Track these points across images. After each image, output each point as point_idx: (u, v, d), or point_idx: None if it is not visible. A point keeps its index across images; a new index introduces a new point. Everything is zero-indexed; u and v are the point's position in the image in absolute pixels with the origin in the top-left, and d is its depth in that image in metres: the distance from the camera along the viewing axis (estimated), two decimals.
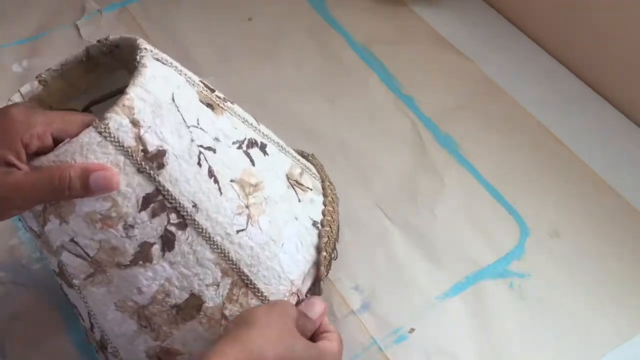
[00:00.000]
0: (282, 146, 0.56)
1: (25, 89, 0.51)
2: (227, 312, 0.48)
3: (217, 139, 0.48)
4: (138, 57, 0.47)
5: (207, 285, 0.48)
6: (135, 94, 0.45)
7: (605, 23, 0.74)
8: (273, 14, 0.87)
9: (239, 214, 0.48)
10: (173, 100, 0.47)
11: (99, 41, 0.51)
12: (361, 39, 0.84)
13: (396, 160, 0.72)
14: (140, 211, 0.46)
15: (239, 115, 0.52)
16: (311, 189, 0.55)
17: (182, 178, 0.46)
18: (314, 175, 0.57)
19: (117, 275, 0.47)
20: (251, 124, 0.53)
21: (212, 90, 0.52)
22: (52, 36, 0.84)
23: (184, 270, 0.47)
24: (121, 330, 0.49)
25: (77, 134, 0.45)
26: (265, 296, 0.50)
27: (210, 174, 0.47)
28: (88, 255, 0.47)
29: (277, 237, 0.50)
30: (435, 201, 0.68)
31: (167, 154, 0.46)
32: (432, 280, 0.63)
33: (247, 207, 0.49)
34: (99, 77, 0.53)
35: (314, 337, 0.50)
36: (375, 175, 0.71)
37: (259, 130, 0.54)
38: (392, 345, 0.59)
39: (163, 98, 0.47)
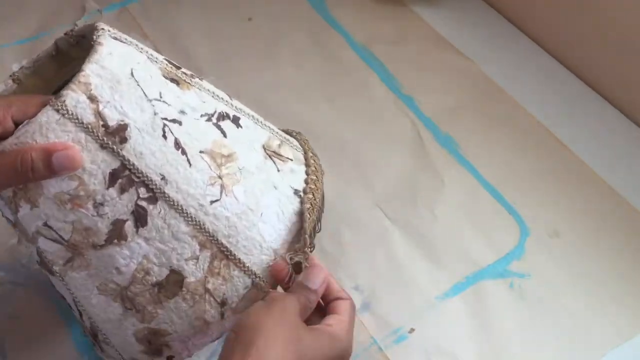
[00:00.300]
0: (258, 119, 0.55)
1: (0, 88, 0.51)
2: (210, 286, 0.48)
3: (182, 112, 0.48)
4: (94, 37, 0.48)
5: (186, 260, 0.47)
6: (90, 70, 0.46)
7: (605, 23, 0.74)
8: (273, 14, 0.87)
9: (212, 184, 0.48)
10: (132, 75, 0.47)
11: (65, 33, 0.51)
12: (361, 39, 0.84)
13: (396, 160, 0.72)
14: (108, 188, 0.45)
15: (208, 90, 0.52)
16: (292, 160, 0.54)
17: (147, 151, 0.46)
18: (295, 147, 0.56)
19: (94, 257, 0.47)
20: (222, 98, 0.53)
21: (178, 67, 0.52)
22: (52, 36, 0.83)
23: (161, 245, 0.47)
24: (107, 315, 0.49)
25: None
26: (248, 267, 0.49)
27: (177, 145, 0.47)
28: (63, 238, 0.47)
29: (254, 206, 0.49)
30: (435, 201, 0.68)
31: (129, 128, 0.46)
32: (432, 280, 0.63)
33: (219, 177, 0.48)
34: (73, 70, 0.53)
35: (326, 305, 0.49)
36: (375, 175, 0.71)
37: (232, 105, 0.53)
38: (392, 345, 0.59)
39: (121, 74, 0.47)
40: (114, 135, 0.45)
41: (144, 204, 0.46)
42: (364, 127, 0.75)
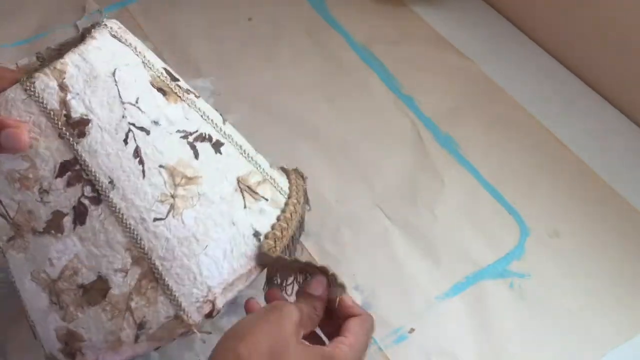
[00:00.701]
0: (245, 151, 0.53)
1: (23, 61, 0.52)
2: (133, 304, 0.46)
3: (156, 122, 0.47)
4: (92, 30, 0.48)
5: (115, 270, 0.46)
6: (70, 60, 0.46)
7: (605, 23, 0.74)
8: (273, 14, 0.87)
9: (161, 201, 0.46)
10: (113, 74, 0.47)
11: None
12: (361, 39, 0.84)
13: (396, 160, 0.72)
14: (56, 177, 0.45)
15: (199, 109, 0.51)
16: (267, 200, 0.52)
17: (103, 151, 0.46)
18: (280, 190, 0.54)
19: (32, 241, 0.47)
20: (212, 120, 0.51)
21: (175, 79, 0.51)
22: (52, 36, 0.84)
23: (93, 249, 0.46)
24: (36, 304, 0.48)
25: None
26: (175, 296, 0.47)
27: (136, 153, 0.46)
28: (9, 215, 0.47)
29: (202, 236, 0.47)
30: (435, 201, 0.68)
31: (90, 124, 0.46)
32: (432, 280, 0.63)
33: (172, 196, 0.47)
34: None
35: (340, 319, 0.48)
36: (375, 175, 0.71)
37: (221, 129, 0.52)
38: (392, 345, 0.59)
39: (102, 70, 0.46)
40: (73, 128, 0.45)
41: (86, 202, 0.46)
42: (364, 127, 0.75)
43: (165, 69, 0.51)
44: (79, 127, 0.45)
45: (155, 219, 0.46)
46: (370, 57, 0.82)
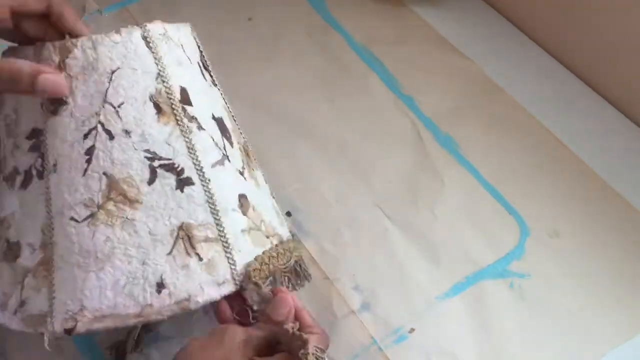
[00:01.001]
0: (216, 205, 0.48)
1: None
2: (26, 281, 0.47)
3: (127, 132, 0.46)
4: (128, 27, 0.48)
5: (27, 244, 0.47)
6: (81, 43, 0.46)
7: (605, 23, 0.74)
8: (273, 14, 0.87)
9: (86, 205, 0.46)
10: (111, 73, 0.47)
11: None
12: (361, 39, 0.84)
13: (396, 160, 0.72)
14: (26, 138, 0.48)
15: (190, 141, 0.48)
16: (200, 260, 0.47)
17: (62, 135, 0.46)
18: (232, 262, 0.48)
19: None
20: (197, 157, 0.48)
21: (188, 104, 0.48)
22: None
23: (21, 215, 0.48)
24: None
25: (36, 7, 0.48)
26: (53, 296, 0.46)
27: (88, 152, 0.46)
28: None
29: (103, 257, 0.46)
30: (435, 201, 0.68)
31: (65, 107, 0.46)
32: (432, 280, 0.63)
33: (98, 206, 0.45)
34: None
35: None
36: (375, 175, 0.70)
37: (200, 171, 0.48)
38: (392, 345, 0.59)
39: (104, 64, 0.47)
40: (51, 103, 0.47)
41: (34, 172, 0.47)
42: (364, 127, 0.75)
43: (185, 91, 0.49)
44: (55, 105, 0.47)
45: (71, 218, 0.46)
46: (370, 57, 0.82)
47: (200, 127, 0.49)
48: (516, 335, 0.60)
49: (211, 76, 0.55)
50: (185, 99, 0.49)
